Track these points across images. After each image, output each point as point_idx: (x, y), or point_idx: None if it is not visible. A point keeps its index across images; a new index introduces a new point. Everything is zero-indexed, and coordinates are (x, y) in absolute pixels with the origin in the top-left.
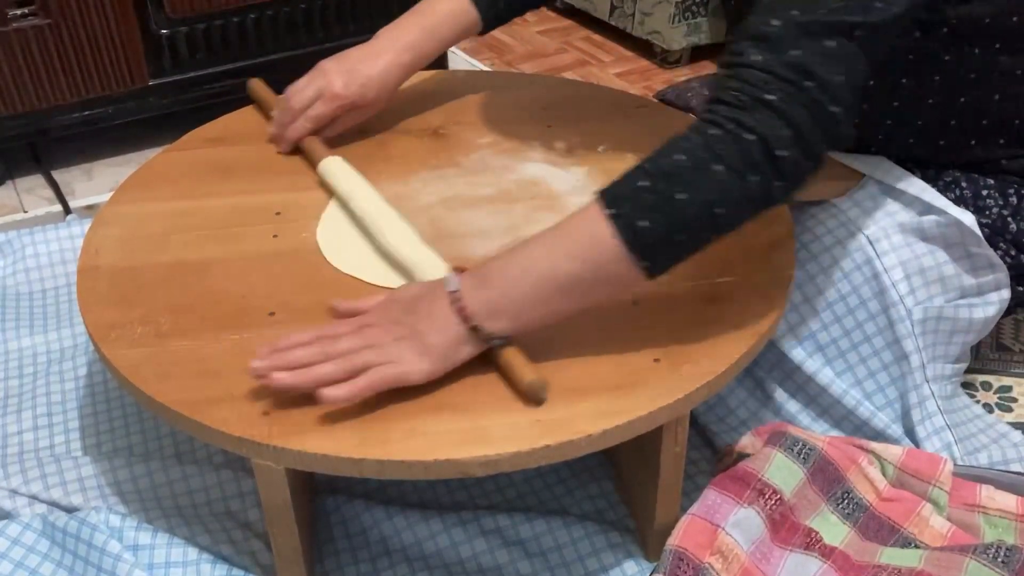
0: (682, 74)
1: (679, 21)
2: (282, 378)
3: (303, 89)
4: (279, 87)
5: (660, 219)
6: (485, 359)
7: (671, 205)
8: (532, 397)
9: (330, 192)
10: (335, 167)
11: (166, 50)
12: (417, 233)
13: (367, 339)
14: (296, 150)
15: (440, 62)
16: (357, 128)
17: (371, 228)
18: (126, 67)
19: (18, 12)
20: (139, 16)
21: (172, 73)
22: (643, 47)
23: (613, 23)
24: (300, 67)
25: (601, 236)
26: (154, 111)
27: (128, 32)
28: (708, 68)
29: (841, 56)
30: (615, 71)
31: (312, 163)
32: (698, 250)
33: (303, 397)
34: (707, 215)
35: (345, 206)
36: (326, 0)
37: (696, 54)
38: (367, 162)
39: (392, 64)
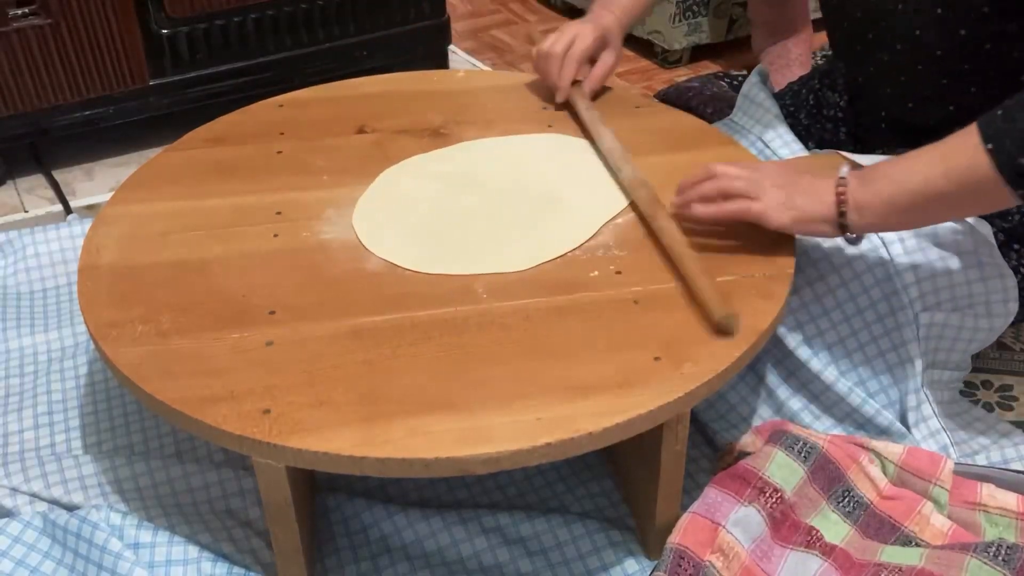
0: (682, 74)
1: (680, 21)
2: (700, 209)
3: (556, 40)
4: (279, 88)
5: None
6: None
7: None
8: (724, 330)
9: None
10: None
11: (166, 50)
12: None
13: (754, 178)
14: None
15: (441, 61)
16: (356, 127)
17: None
18: (126, 67)
19: (19, 12)
20: (140, 16)
21: (172, 73)
22: (644, 47)
23: None
24: (300, 67)
25: (979, 166)
26: (154, 111)
27: (128, 32)
28: (708, 68)
29: None
30: (616, 71)
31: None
32: None
33: (302, 395)
34: None
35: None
36: (326, 0)
37: (696, 54)
38: (366, 162)
39: (623, 6)
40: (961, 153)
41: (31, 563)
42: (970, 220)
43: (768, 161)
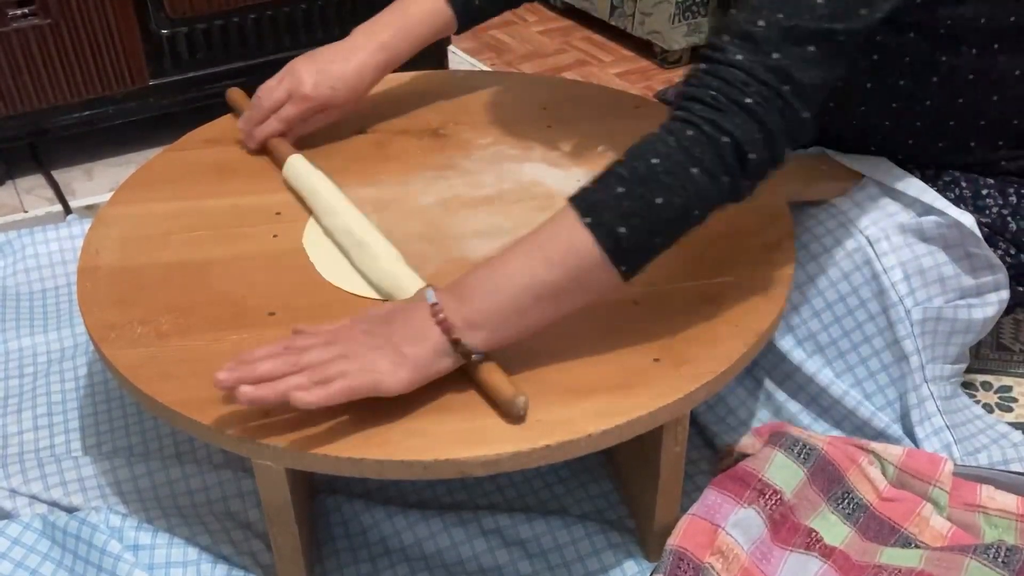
0: (682, 74)
1: (679, 21)
2: (247, 392)
3: (273, 89)
4: None
5: (639, 224)
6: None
7: (650, 210)
8: (512, 413)
9: (295, 195)
10: (300, 168)
11: (166, 50)
12: (390, 245)
13: (339, 349)
14: (263, 150)
15: (440, 62)
16: (356, 127)
17: (342, 242)
18: (126, 67)
19: (18, 12)
20: (139, 16)
21: (172, 73)
22: (643, 47)
23: (613, 23)
24: None
25: (580, 244)
26: (154, 111)
27: (128, 32)
28: None
29: (821, 61)
30: (615, 71)
31: (277, 164)
32: (667, 249)
33: None
34: (684, 216)
35: (312, 211)
36: (326, 0)
37: (696, 54)
38: (366, 162)
39: (365, 64)
40: (559, 236)
41: (30, 565)
42: (952, 213)
43: (338, 324)
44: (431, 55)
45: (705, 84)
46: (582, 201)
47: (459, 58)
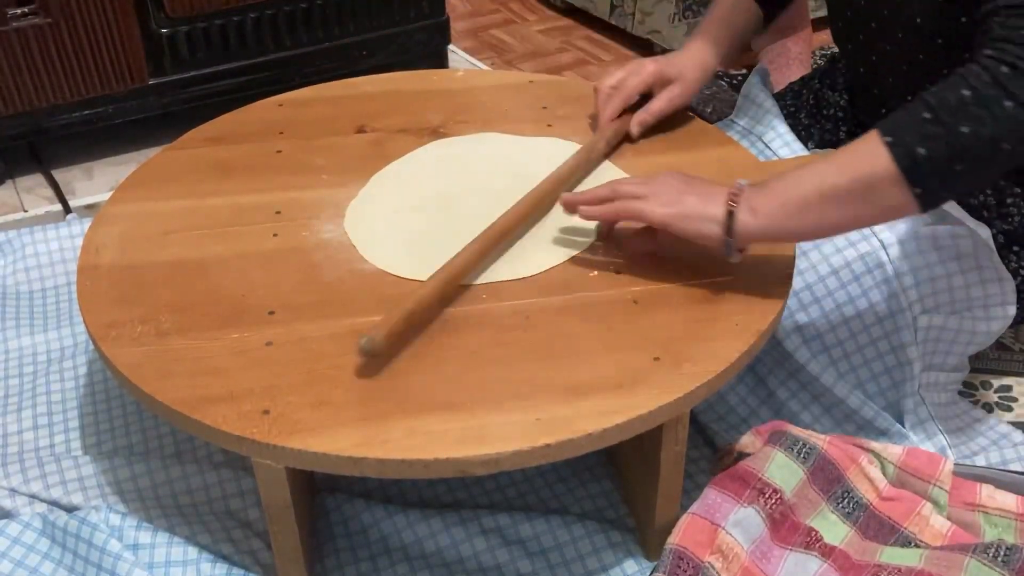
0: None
1: (679, 20)
2: (584, 209)
3: (613, 74)
4: (278, 87)
5: (941, 148)
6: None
7: (954, 136)
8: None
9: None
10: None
11: (166, 49)
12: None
13: (648, 181)
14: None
15: (440, 61)
16: (356, 126)
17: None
18: (126, 66)
19: (18, 11)
20: (139, 15)
21: (172, 72)
22: (643, 46)
23: (613, 22)
24: (300, 66)
25: (877, 158)
26: (154, 110)
27: (128, 31)
28: None
29: None
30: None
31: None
32: (974, 185)
33: (302, 395)
34: (991, 149)
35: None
36: (326, 0)
37: None
38: (367, 161)
39: (702, 48)
40: (860, 149)
41: (30, 564)
42: (969, 223)
43: (673, 172)
44: (431, 54)
45: (1016, 27)
46: (888, 122)
47: (459, 57)
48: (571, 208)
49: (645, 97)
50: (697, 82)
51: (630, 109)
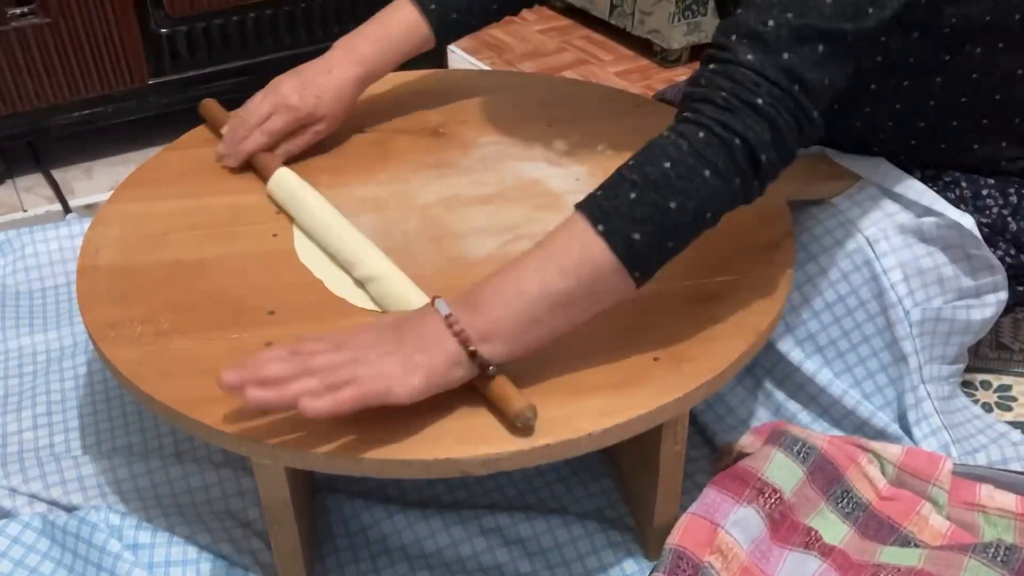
0: (682, 73)
1: (679, 20)
2: (256, 394)
3: (258, 105)
4: None
5: (653, 229)
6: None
7: (664, 215)
8: (522, 425)
9: (282, 209)
10: (288, 181)
11: (166, 49)
12: (388, 261)
13: (350, 354)
14: (246, 167)
15: (440, 61)
16: (356, 127)
17: (337, 259)
18: (126, 66)
19: (18, 11)
20: (139, 15)
21: (172, 72)
22: (643, 46)
23: (613, 22)
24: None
25: (593, 252)
26: (154, 110)
27: (128, 31)
28: None
29: (831, 61)
30: (615, 70)
31: (263, 178)
32: (677, 254)
33: None
34: (697, 219)
35: (302, 226)
36: (326, 0)
37: (696, 53)
38: (366, 161)
39: (346, 77)
40: (572, 245)
41: (30, 564)
42: (952, 215)
43: (353, 330)
44: (431, 54)
45: (715, 84)
46: (595, 208)
47: (459, 57)
48: (257, 405)
49: None
50: (341, 118)
51: None
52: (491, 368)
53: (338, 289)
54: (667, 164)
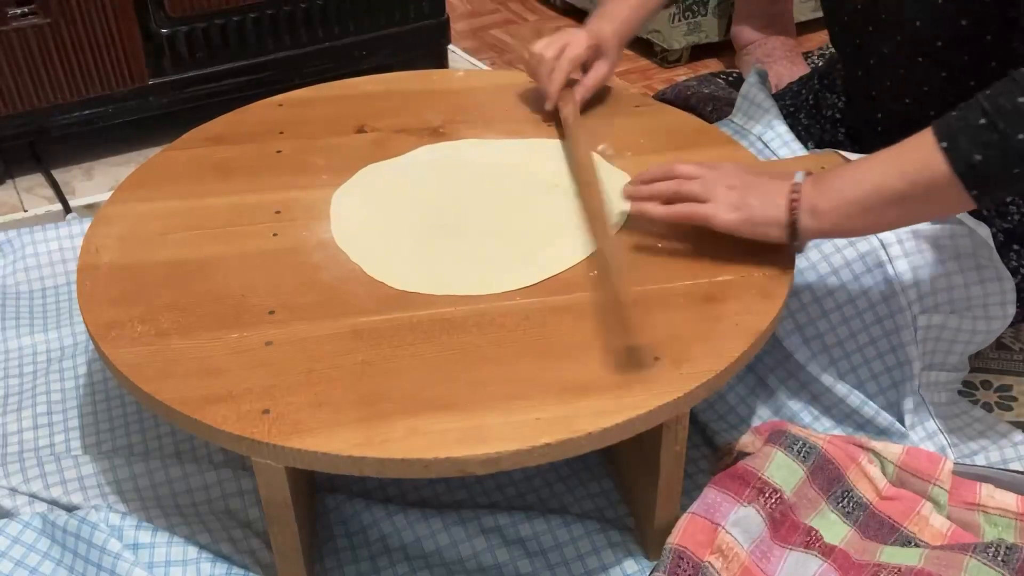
0: (682, 73)
1: (679, 20)
2: (649, 209)
3: (549, 44)
4: (278, 87)
5: (996, 155)
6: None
7: (1010, 144)
8: (633, 361)
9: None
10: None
11: (166, 49)
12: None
13: (709, 177)
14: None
15: (441, 61)
16: (356, 126)
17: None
18: (126, 66)
19: (18, 11)
20: (139, 15)
21: (172, 72)
22: (643, 46)
23: None
24: (300, 66)
25: (935, 165)
26: (154, 110)
27: (128, 31)
28: (708, 67)
29: None
30: (615, 70)
31: (563, 132)
32: None
33: (302, 395)
34: None
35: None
36: (326, 0)
37: (696, 53)
38: (367, 160)
39: (622, 18)
40: (917, 153)
41: (30, 563)
42: (968, 223)
43: (728, 163)
44: (431, 54)
45: None
46: (943, 127)
47: (459, 57)
48: (636, 202)
49: None
50: (617, 59)
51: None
52: (798, 244)
53: (377, 272)
54: (1021, 99)
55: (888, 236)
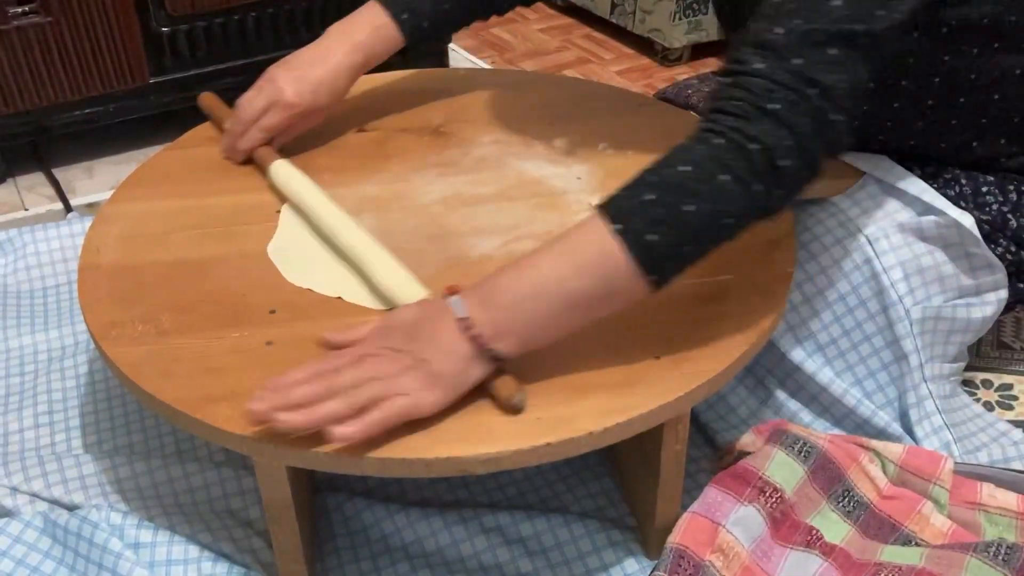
0: (683, 72)
1: (680, 19)
2: (288, 419)
3: (253, 100)
4: None
5: (669, 232)
6: None
7: (679, 217)
8: (510, 408)
9: (283, 198)
10: (286, 172)
11: (167, 48)
12: (383, 250)
13: (371, 370)
14: (249, 160)
15: (440, 60)
16: (356, 125)
17: (333, 246)
18: (127, 65)
19: (19, 10)
20: (140, 14)
21: (173, 71)
22: (644, 45)
23: (614, 21)
24: None
25: (609, 252)
26: (155, 109)
27: (129, 30)
28: (709, 66)
29: (844, 63)
30: (616, 69)
31: (263, 170)
32: (700, 259)
33: None
34: (715, 225)
35: (302, 214)
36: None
37: (697, 52)
38: (367, 160)
39: (342, 66)
40: (590, 243)
41: (31, 563)
42: (952, 213)
43: (357, 333)
44: (431, 53)
45: (729, 95)
46: (611, 208)
47: (460, 56)
48: (292, 429)
49: None
50: (332, 110)
51: None
52: (500, 362)
53: (306, 283)
54: (685, 168)
55: (873, 231)
